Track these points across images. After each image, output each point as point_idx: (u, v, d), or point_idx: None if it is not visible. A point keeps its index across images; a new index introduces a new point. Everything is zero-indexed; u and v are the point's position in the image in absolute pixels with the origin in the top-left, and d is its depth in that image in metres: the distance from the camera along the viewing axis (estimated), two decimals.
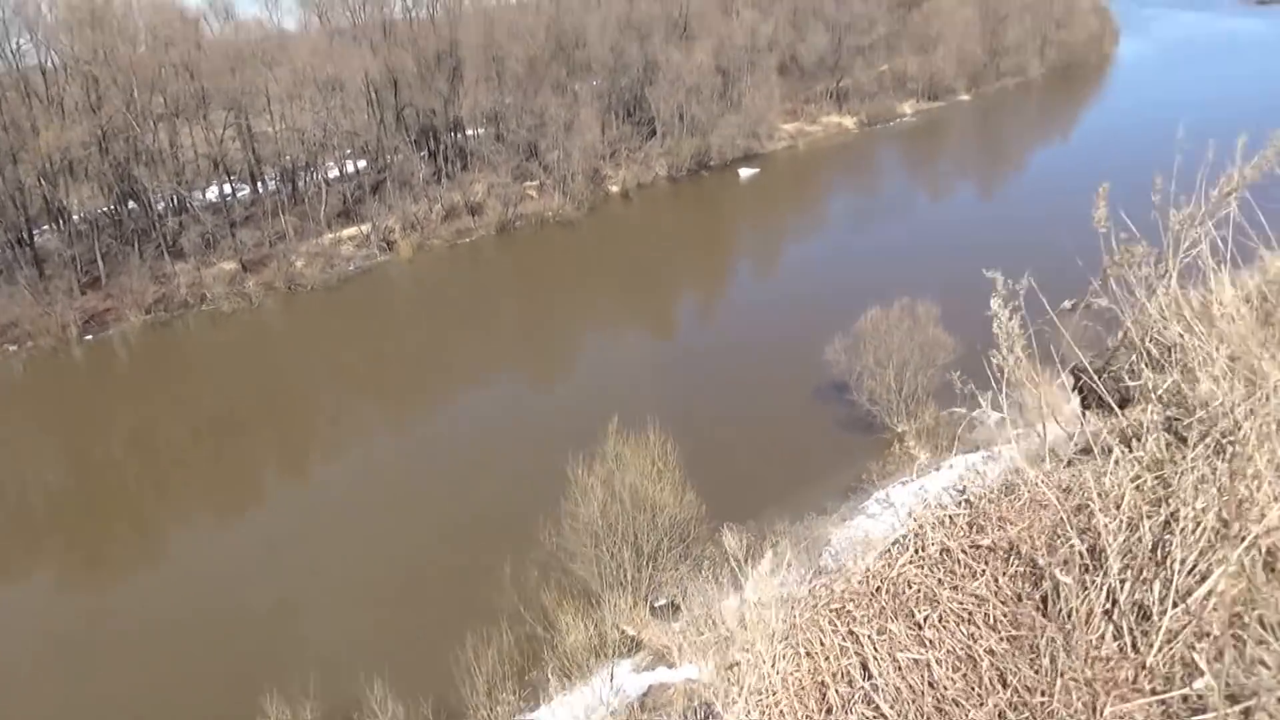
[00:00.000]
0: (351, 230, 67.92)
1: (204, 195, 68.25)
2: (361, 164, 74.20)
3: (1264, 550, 2.18)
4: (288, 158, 69.02)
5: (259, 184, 70.28)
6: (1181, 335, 3.01)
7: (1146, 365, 3.06)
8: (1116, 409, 3.11)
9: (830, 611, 2.51)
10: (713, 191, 79.37)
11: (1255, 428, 2.40)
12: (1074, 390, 3.83)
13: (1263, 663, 1.98)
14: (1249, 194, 3.21)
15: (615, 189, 79.00)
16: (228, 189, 69.46)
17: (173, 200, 65.39)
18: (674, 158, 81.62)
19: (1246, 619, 2.08)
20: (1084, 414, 3.51)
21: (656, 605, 26.75)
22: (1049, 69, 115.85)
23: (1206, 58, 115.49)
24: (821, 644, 2.42)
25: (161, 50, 64.82)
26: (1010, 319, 3.41)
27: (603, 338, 51.68)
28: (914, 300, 37.36)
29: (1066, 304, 3.47)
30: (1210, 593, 2.12)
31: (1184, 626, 2.08)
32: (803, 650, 2.44)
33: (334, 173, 72.36)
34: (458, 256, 67.24)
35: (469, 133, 78.71)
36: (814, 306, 47.09)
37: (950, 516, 2.74)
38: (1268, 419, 2.46)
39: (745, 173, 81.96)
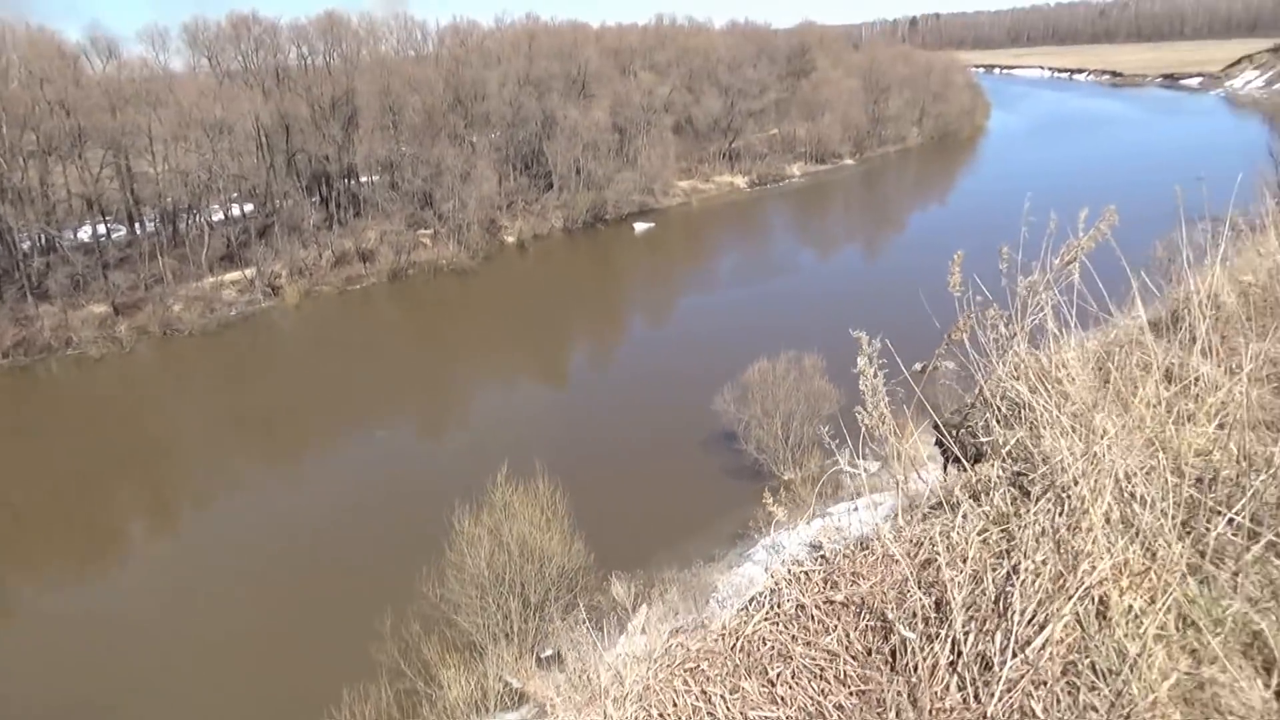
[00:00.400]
0: (235, 274, 65.68)
1: (75, 235, 64.83)
2: (249, 207, 72.07)
3: (1096, 600, 2.31)
4: (169, 199, 66.44)
5: (137, 225, 67.31)
6: (1028, 394, 3.19)
7: (997, 422, 3.23)
8: (968, 464, 3.26)
9: (684, 671, 2.52)
10: (608, 244, 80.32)
11: (1090, 482, 2.55)
12: (936, 445, 4.00)
13: (1093, 708, 2.08)
14: (1087, 261, 3.44)
15: (511, 239, 79.07)
16: (102, 229, 66.27)
17: (40, 240, 61.94)
18: (570, 211, 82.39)
19: (1080, 666, 2.18)
20: (944, 468, 3.66)
21: (543, 656, 26.22)
22: (927, 138, 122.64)
23: (1066, 132, 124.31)
24: (674, 705, 2.42)
25: (36, 86, 61.90)
26: (875, 376, 3.54)
27: (495, 386, 51.16)
28: (800, 353, 38.40)
29: (917, 365, 3.63)
30: (1047, 641, 2.22)
31: (1023, 675, 2.17)
32: (655, 713, 2.43)
33: (219, 215, 70.02)
34: (347, 303, 65.78)
35: (363, 180, 77.65)
36: (704, 357, 47.83)
37: (806, 573, 2.79)
38: (1101, 474, 2.62)
39: (640, 227, 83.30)
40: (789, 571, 2.81)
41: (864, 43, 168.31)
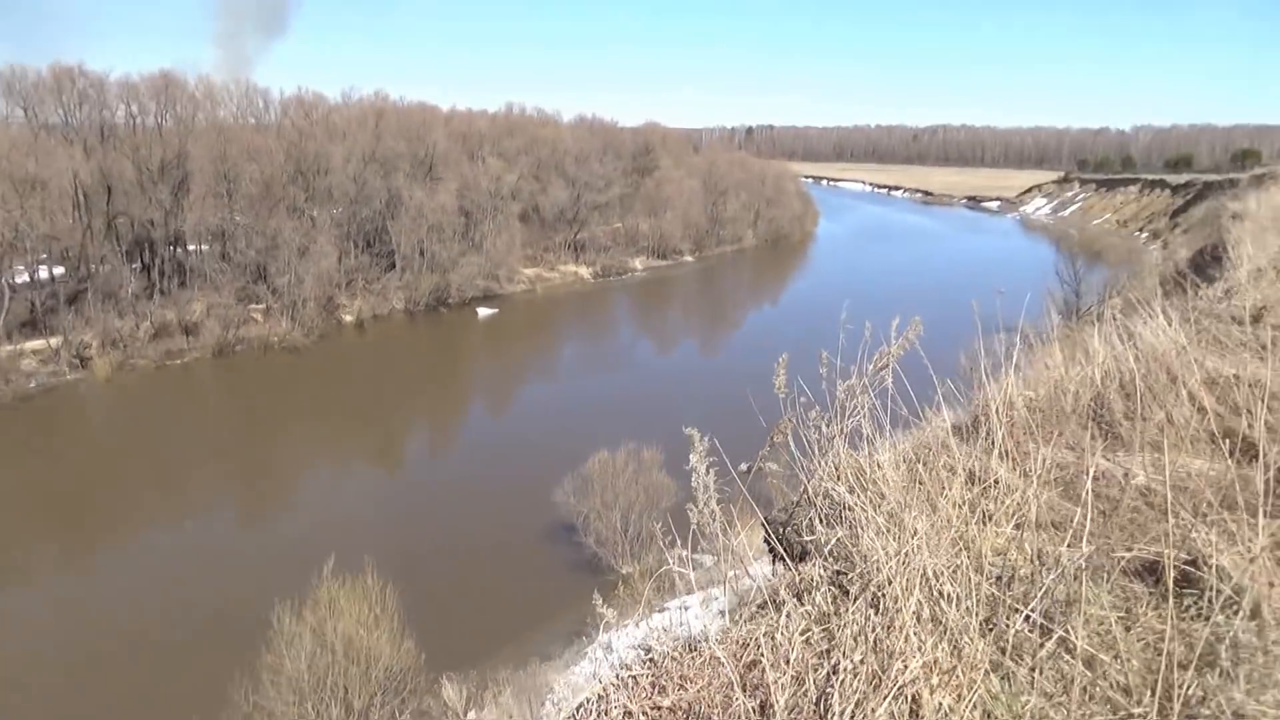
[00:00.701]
0: (37, 343, 60.25)
1: None
2: (59, 270, 66.72)
3: (909, 699, 2.40)
4: None
5: None
6: (847, 495, 3.35)
7: (819, 521, 3.37)
8: (793, 563, 3.37)
9: None
10: (450, 328, 79.30)
11: (902, 581, 2.68)
12: (765, 543, 4.10)
13: None
14: (899, 368, 3.70)
15: (349, 319, 76.76)
16: None
17: None
18: (413, 292, 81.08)
19: None
20: (773, 567, 3.76)
21: None
22: (761, 240, 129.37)
23: (885, 242, 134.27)
24: None
25: None
26: (707, 473, 3.63)
27: (324, 472, 48.70)
28: (640, 445, 38.69)
29: (743, 465, 3.76)
30: None
31: None
32: None
33: (23, 278, 64.36)
34: (166, 379, 61.45)
35: (191, 248, 73.70)
36: (545, 448, 47.47)
37: (634, 677, 2.77)
38: (912, 572, 2.76)
39: (484, 312, 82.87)
40: (617, 677, 2.78)
41: (704, 147, 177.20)
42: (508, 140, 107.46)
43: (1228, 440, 4.63)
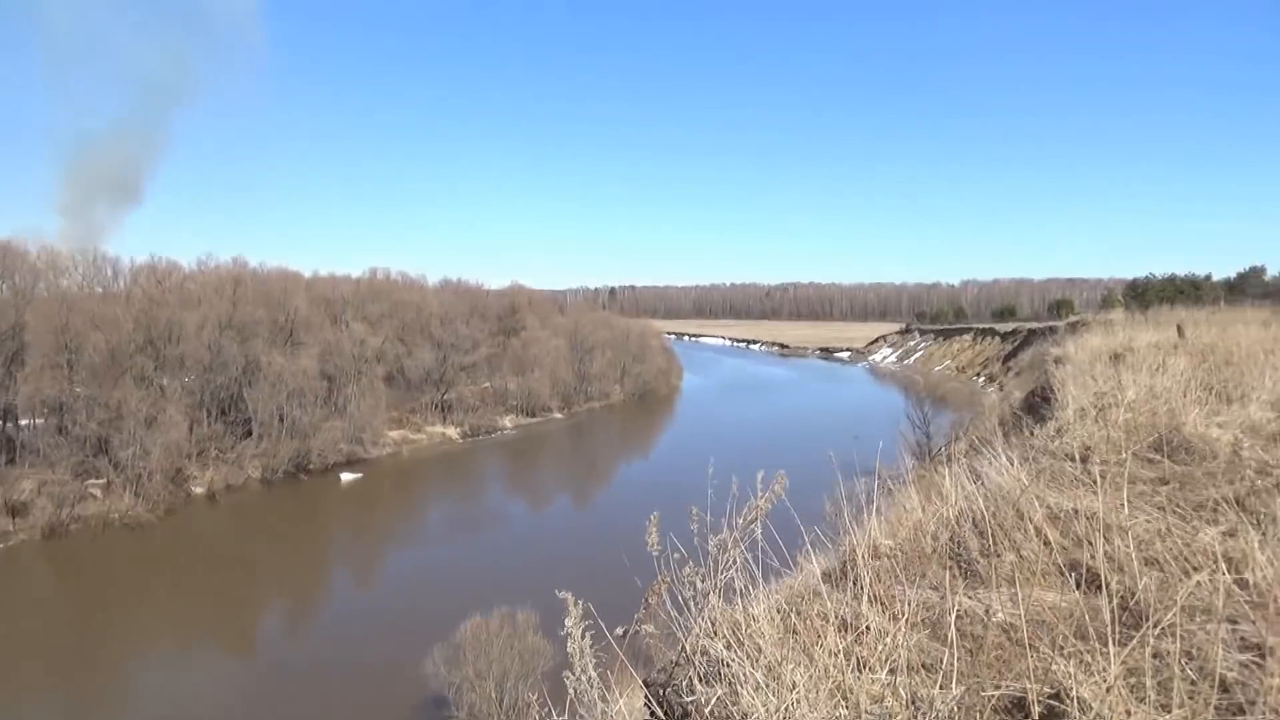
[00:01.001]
0: None
1: None
2: None
3: None
4: None
5: None
6: (724, 651, 3.32)
7: (699, 681, 3.30)
8: None
9: None
10: (311, 496, 75.61)
11: None
12: (644, 706, 3.97)
13: None
14: (768, 522, 3.76)
15: (200, 490, 72.20)
16: None
17: None
18: (270, 460, 77.42)
19: None
20: None
21: None
22: (629, 395, 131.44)
23: (747, 393, 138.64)
24: None
25: None
26: (582, 638, 3.52)
27: (165, 664, 44.24)
28: (514, 609, 37.26)
29: (619, 630, 3.68)
30: None
31: None
32: None
33: None
34: None
35: (23, 422, 68.49)
36: (413, 617, 45.02)
37: None
38: None
39: (347, 477, 79.72)
40: None
41: (569, 307, 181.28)
42: (372, 304, 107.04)
43: (1074, 572, 4.89)
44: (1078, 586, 4.63)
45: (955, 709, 3.04)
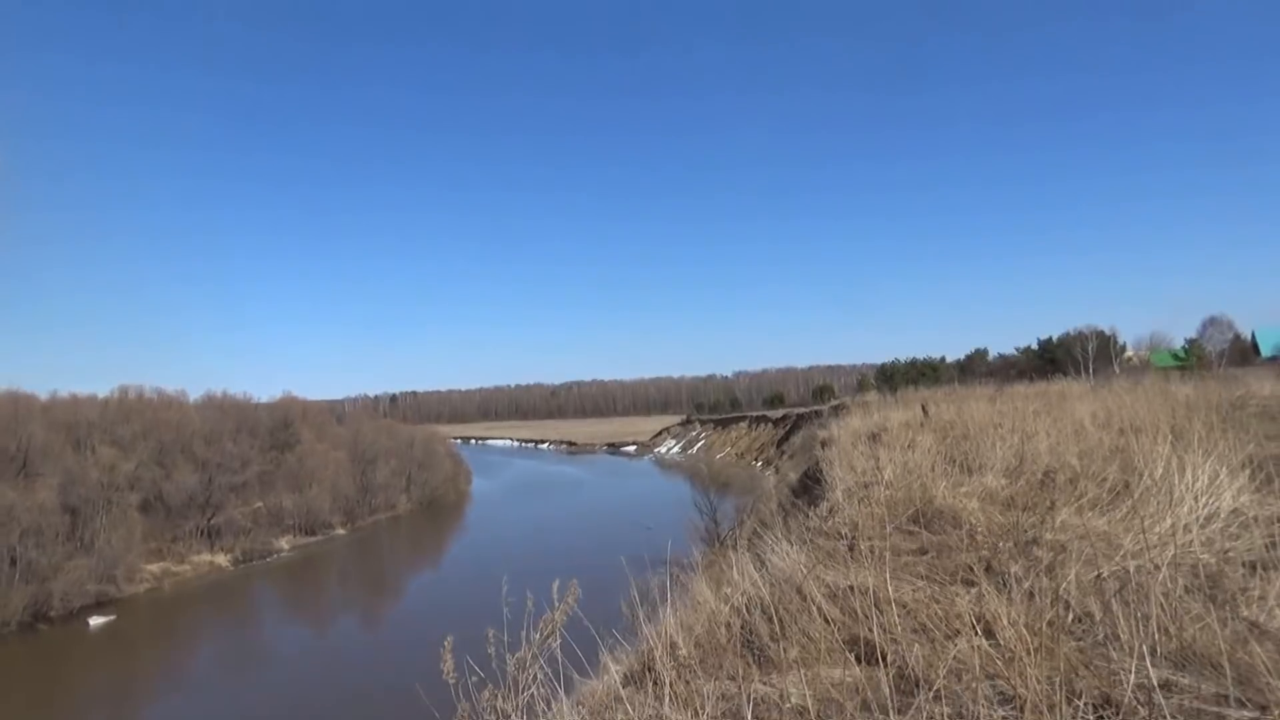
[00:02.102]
0: None
1: None
2: None
3: None
4: None
5: None
6: None
7: None
8: None
9: None
10: (52, 646, 65.95)
11: None
12: None
13: None
14: (564, 632, 3.73)
15: None
16: None
17: None
18: (0, 610, 67.23)
19: None
20: None
21: None
22: (416, 504, 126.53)
23: (539, 494, 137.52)
24: None
25: None
26: None
27: None
28: None
29: None
30: None
31: None
32: None
33: None
34: None
35: None
36: None
37: None
38: None
39: (97, 621, 70.48)
40: None
41: (348, 416, 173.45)
42: (123, 426, 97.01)
43: (855, 647, 5.18)
44: (859, 661, 4.90)
45: None
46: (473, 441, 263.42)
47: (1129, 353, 62.99)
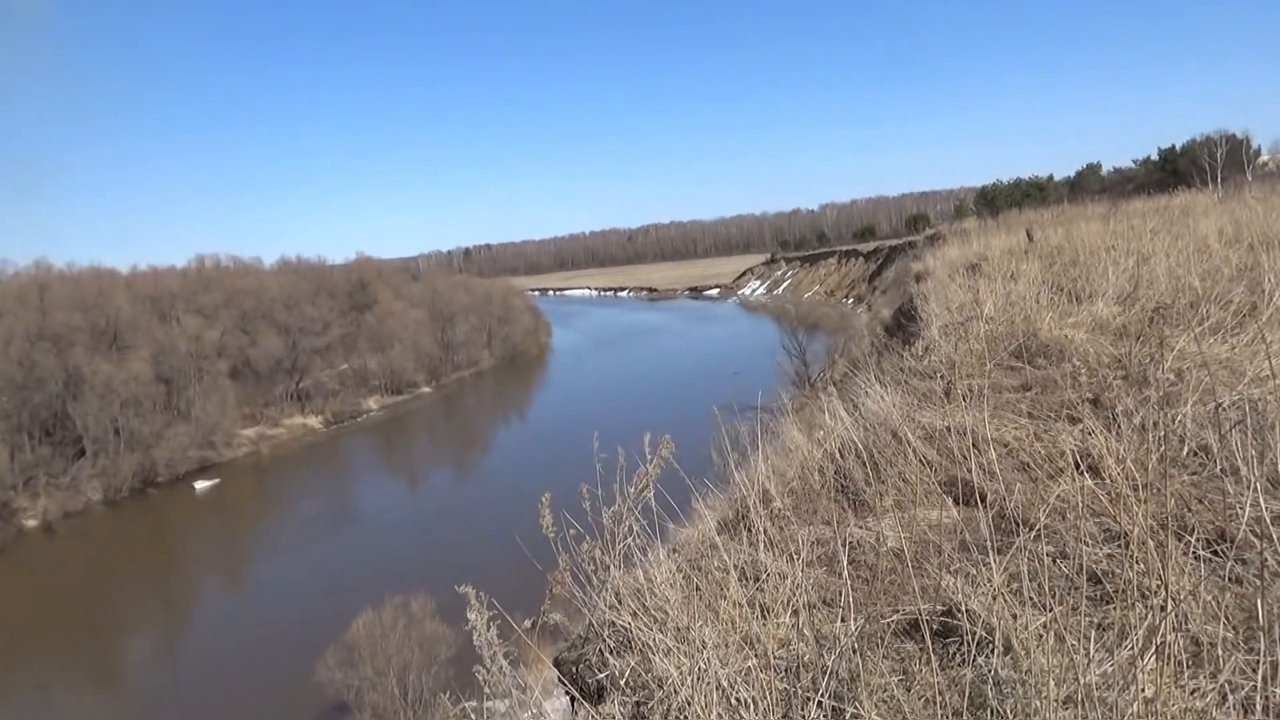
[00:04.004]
0: None
1: None
2: None
3: None
4: None
5: None
6: (631, 620, 3.46)
7: (610, 653, 3.43)
8: (589, 702, 3.40)
9: None
10: (162, 512, 71.97)
11: (700, 699, 2.80)
12: (559, 684, 4.09)
13: None
14: (659, 485, 3.91)
15: (33, 523, 67.60)
16: None
17: None
18: (111, 479, 73.10)
19: None
20: (571, 710, 3.75)
21: None
22: (498, 360, 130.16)
23: (623, 343, 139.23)
24: None
25: None
26: (489, 629, 3.59)
27: (25, 706, 41.75)
28: (407, 596, 36.88)
29: (526, 622, 3.79)
30: None
31: None
32: None
33: None
34: None
35: None
36: (300, 624, 43.88)
37: None
38: (708, 686, 2.89)
39: (202, 485, 76.27)
40: None
41: (423, 274, 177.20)
42: (205, 295, 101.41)
43: (953, 489, 5.28)
44: (957, 503, 5.01)
45: (857, 641, 3.28)
46: (550, 293, 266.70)
47: (1265, 158, 58.67)
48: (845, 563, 3.62)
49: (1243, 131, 55.63)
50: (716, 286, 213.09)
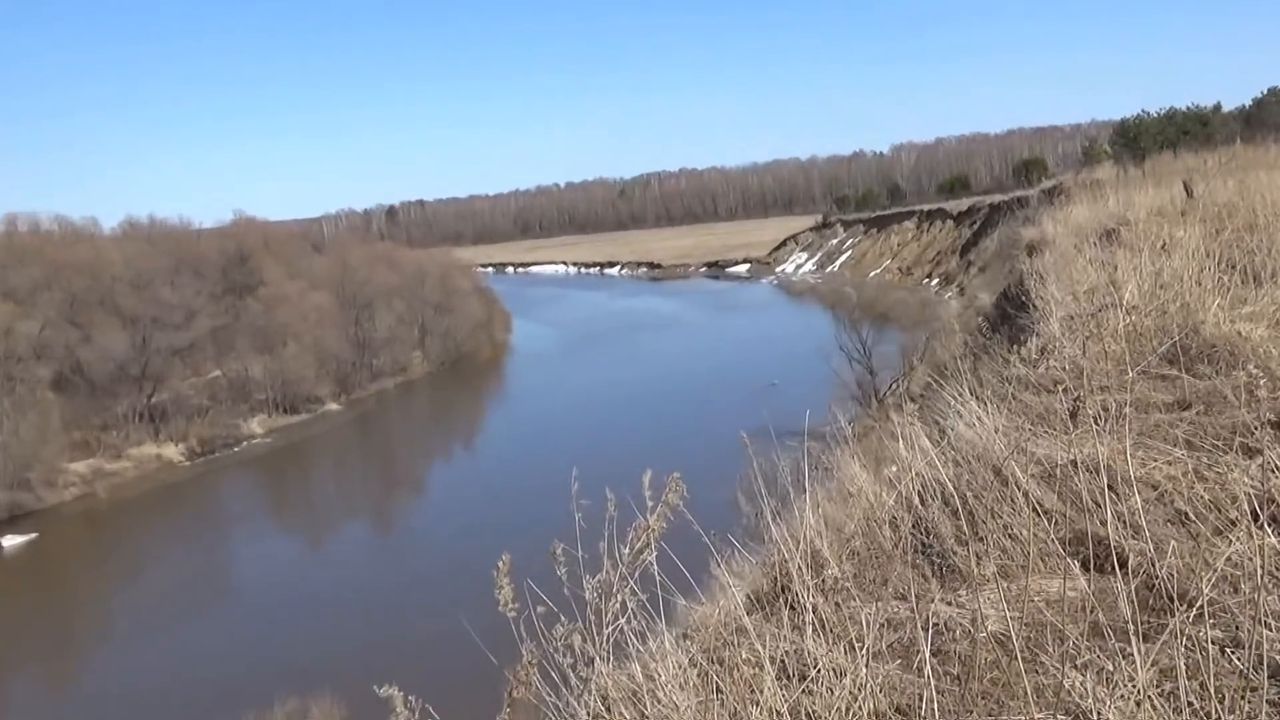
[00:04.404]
0: None
1: None
2: None
3: None
4: None
5: None
6: None
7: None
8: None
9: None
10: None
11: None
12: None
13: None
14: (663, 543, 3.92)
15: None
16: None
17: None
18: None
19: None
20: None
21: None
22: (435, 364, 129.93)
23: (612, 342, 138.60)
24: None
25: None
26: None
27: None
28: (305, 701, 37.03)
29: None
30: None
31: None
32: None
33: None
34: None
35: None
36: None
37: None
38: None
39: (11, 542, 76.13)
40: None
41: (329, 243, 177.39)
42: (16, 272, 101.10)
43: (1081, 548, 5.29)
44: (1087, 569, 5.02)
45: None
46: (510, 270, 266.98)
47: None
48: (927, 654, 3.63)
49: None
50: (745, 261, 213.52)
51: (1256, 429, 6.14)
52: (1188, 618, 3.86)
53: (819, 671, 4.06)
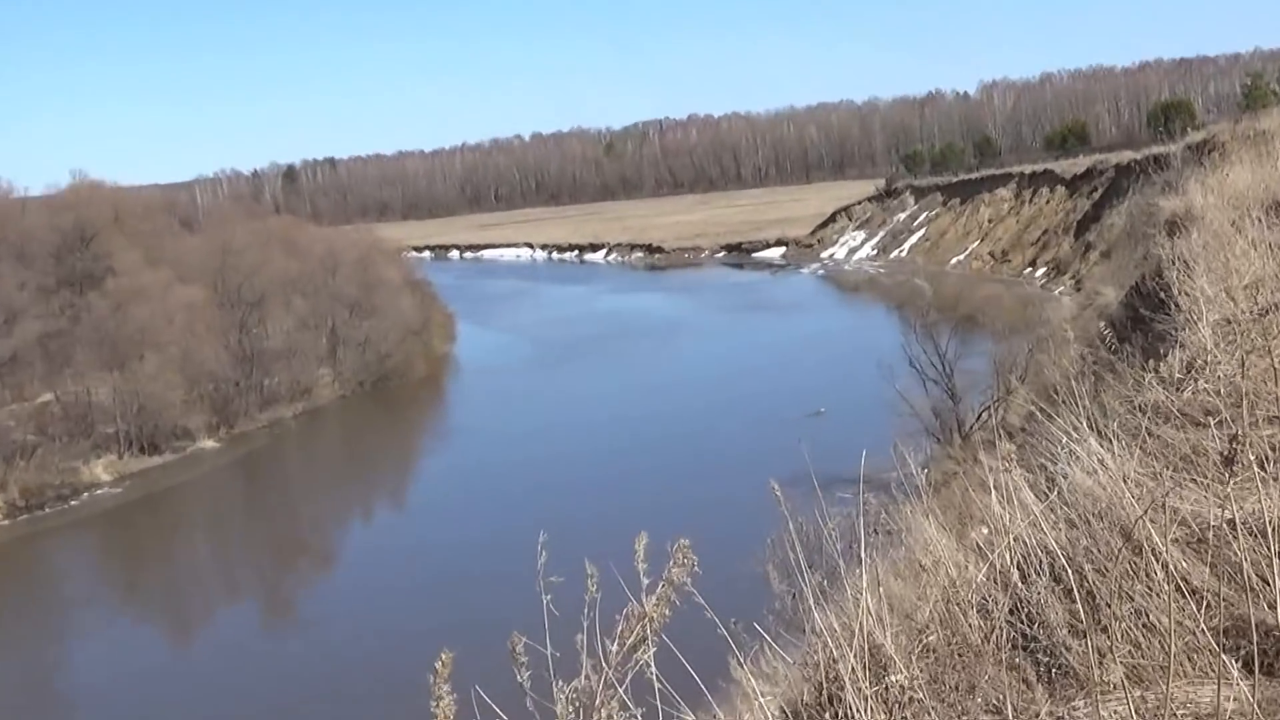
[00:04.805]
0: None
1: None
2: None
3: None
4: None
5: None
6: None
7: None
8: None
9: None
10: None
11: None
12: None
13: None
14: (664, 635, 3.92)
15: None
16: None
17: None
18: None
19: None
20: None
21: None
22: (350, 385, 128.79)
23: (596, 355, 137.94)
24: None
25: None
26: None
27: None
28: None
29: None
30: None
31: None
32: None
33: None
34: None
35: None
36: None
37: None
38: None
39: None
40: None
41: (204, 217, 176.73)
42: None
43: (1241, 641, 5.28)
44: (1250, 669, 5.01)
45: None
46: (455, 255, 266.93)
47: None
48: None
49: None
50: (779, 243, 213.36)
51: None
52: None
53: None
